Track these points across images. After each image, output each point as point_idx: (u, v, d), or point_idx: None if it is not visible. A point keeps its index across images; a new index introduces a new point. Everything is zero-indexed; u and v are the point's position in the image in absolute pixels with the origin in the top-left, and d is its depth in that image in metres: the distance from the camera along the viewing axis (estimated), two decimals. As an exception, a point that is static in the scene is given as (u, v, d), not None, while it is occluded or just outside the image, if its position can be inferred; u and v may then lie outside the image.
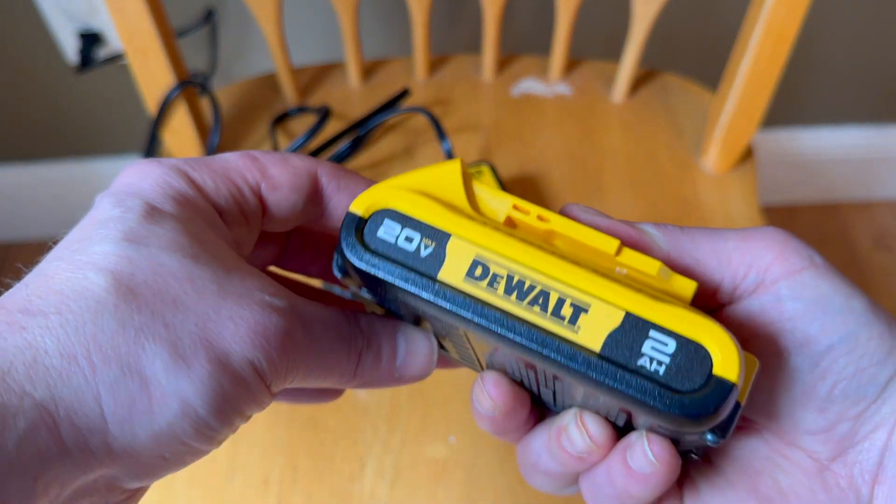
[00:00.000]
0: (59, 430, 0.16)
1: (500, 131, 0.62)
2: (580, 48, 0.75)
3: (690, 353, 0.18)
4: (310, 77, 0.67)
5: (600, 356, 0.18)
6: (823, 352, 0.21)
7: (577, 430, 0.22)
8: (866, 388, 0.21)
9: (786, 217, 1.17)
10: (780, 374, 0.21)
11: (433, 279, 0.20)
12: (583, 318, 0.19)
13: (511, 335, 0.19)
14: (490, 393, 0.22)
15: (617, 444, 0.22)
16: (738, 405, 0.20)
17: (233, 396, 0.18)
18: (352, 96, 0.65)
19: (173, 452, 0.18)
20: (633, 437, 0.22)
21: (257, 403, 0.20)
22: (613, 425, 0.22)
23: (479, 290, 0.19)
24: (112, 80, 0.90)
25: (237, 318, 0.19)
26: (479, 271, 0.20)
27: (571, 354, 0.19)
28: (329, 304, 0.23)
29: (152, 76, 0.55)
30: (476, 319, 0.19)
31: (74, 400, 0.17)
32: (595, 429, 0.22)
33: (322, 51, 0.86)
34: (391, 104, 0.59)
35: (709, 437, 0.20)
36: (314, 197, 0.23)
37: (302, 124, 0.62)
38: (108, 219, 0.19)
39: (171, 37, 0.54)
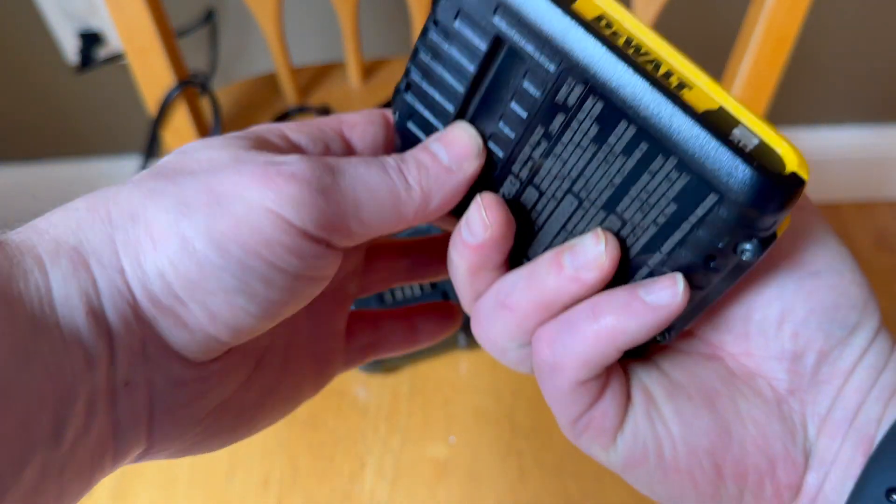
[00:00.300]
0: (89, 267, 0.19)
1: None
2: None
3: (770, 151, 0.19)
4: (310, 77, 0.67)
5: (703, 114, 0.19)
6: (810, 276, 0.22)
7: (593, 240, 0.21)
8: (838, 326, 0.22)
9: (786, 217, 1.18)
10: (765, 289, 0.22)
11: (568, 6, 0.20)
12: (685, 92, 0.19)
13: (631, 73, 0.19)
14: (488, 213, 0.21)
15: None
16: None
17: (235, 236, 0.19)
18: (352, 96, 0.65)
19: (199, 296, 0.19)
20: (643, 272, 0.21)
21: (291, 248, 0.20)
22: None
23: (607, 33, 0.20)
24: (112, 80, 0.90)
25: (243, 173, 0.20)
26: (604, 23, 0.20)
27: (681, 103, 0.19)
28: None
29: (152, 76, 0.55)
30: (605, 52, 0.19)
31: (95, 241, 0.19)
32: (613, 244, 0.21)
33: (322, 51, 0.86)
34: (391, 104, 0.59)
35: (747, 247, 0.19)
36: (390, 130, 0.25)
37: (302, 124, 0.62)
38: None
39: (171, 37, 0.54)
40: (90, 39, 0.82)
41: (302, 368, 0.25)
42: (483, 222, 0.21)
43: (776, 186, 0.18)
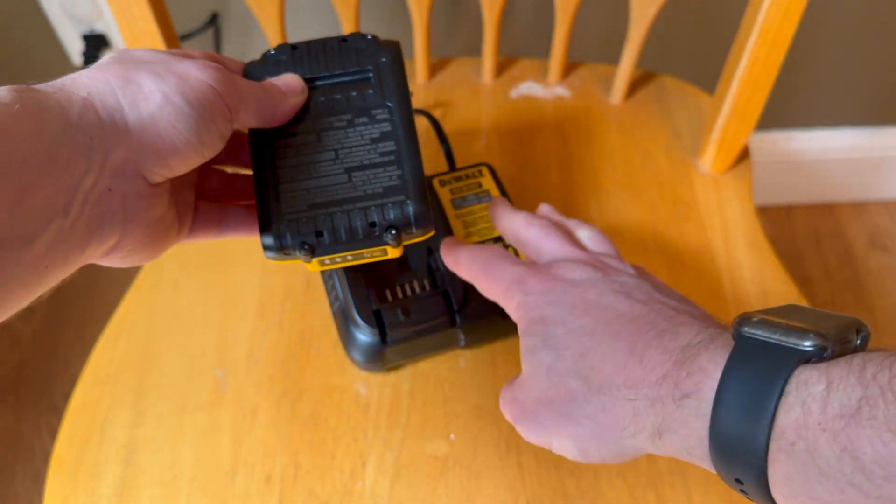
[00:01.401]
0: (97, 110, 0.28)
1: (499, 133, 0.62)
2: (578, 51, 0.76)
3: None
4: (311, 78, 0.67)
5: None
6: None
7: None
8: None
9: (782, 217, 1.18)
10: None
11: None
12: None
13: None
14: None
15: None
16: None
17: (195, 97, 0.30)
18: (352, 98, 0.65)
19: (168, 133, 0.29)
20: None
21: (220, 113, 0.31)
22: None
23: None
24: None
25: (189, 64, 0.31)
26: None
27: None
28: None
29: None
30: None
31: (103, 93, 0.28)
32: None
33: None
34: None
35: (391, 233, 0.34)
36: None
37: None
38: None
39: (174, 39, 0.55)
40: (95, 41, 0.83)
41: (177, 212, 0.35)
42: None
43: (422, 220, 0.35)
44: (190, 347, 0.50)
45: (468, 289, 0.45)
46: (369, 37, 0.38)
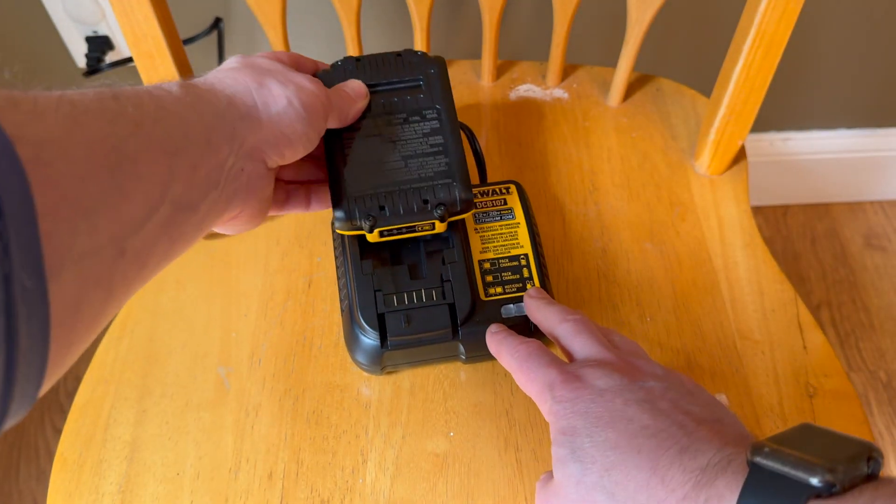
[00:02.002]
0: (237, 107, 0.35)
1: (498, 134, 0.63)
2: (577, 54, 0.76)
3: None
4: (312, 80, 0.68)
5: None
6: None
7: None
8: None
9: (779, 217, 1.19)
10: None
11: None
12: None
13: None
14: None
15: None
16: None
17: (309, 103, 0.38)
18: (353, 99, 0.66)
19: (288, 129, 0.37)
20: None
21: (323, 117, 0.39)
22: None
23: None
24: (121, 83, 0.91)
25: (302, 77, 0.39)
26: None
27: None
28: None
29: (159, 80, 0.56)
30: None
31: (242, 94, 0.35)
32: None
33: (325, 55, 0.87)
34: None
35: (439, 210, 0.43)
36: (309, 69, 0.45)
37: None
38: (230, 59, 0.40)
39: (177, 41, 0.55)
40: (98, 43, 0.83)
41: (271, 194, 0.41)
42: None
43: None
44: (193, 346, 0.51)
45: (475, 305, 0.45)
46: (419, 52, 0.47)
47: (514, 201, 0.51)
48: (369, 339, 0.45)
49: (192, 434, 0.47)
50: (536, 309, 0.43)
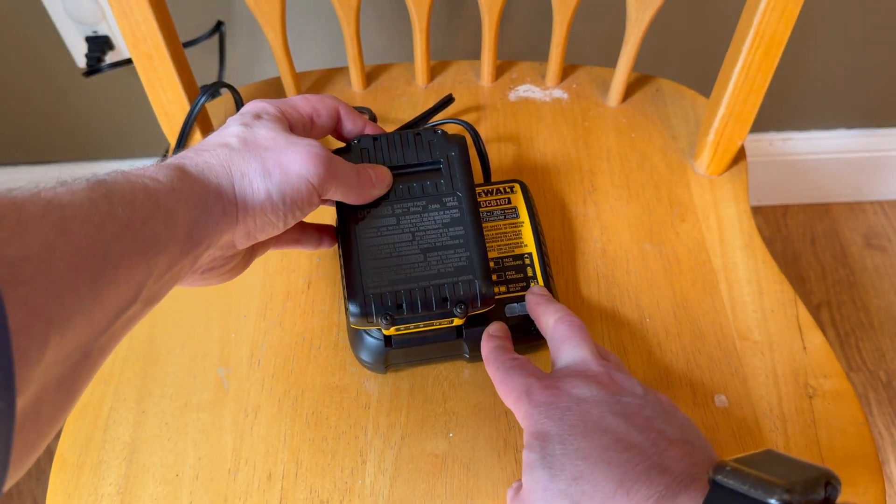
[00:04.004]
0: (221, 199, 0.34)
1: (498, 135, 0.63)
2: (576, 54, 0.77)
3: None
4: (313, 81, 0.68)
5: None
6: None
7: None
8: None
9: (779, 217, 1.19)
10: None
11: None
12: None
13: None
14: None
15: None
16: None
17: (291, 195, 0.36)
18: (354, 100, 0.66)
19: (261, 221, 0.36)
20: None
21: (309, 202, 0.37)
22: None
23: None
24: (121, 83, 0.91)
25: (298, 154, 0.36)
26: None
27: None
28: None
29: (158, 81, 0.56)
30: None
31: (225, 186, 0.35)
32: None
33: (325, 57, 0.87)
34: (437, 109, 0.59)
35: (460, 308, 0.41)
36: (337, 120, 0.43)
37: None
38: (234, 121, 0.38)
39: (177, 43, 0.55)
40: (98, 44, 0.83)
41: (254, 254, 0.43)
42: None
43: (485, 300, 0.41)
44: (192, 347, 0.51)
45: None
46: (439, 132, 0.45)
47: (518, 200, 0.51)
48: (374, 337, 0.45)
49: (191, 435, 0.47)
50: (536, 304, 0.44)
